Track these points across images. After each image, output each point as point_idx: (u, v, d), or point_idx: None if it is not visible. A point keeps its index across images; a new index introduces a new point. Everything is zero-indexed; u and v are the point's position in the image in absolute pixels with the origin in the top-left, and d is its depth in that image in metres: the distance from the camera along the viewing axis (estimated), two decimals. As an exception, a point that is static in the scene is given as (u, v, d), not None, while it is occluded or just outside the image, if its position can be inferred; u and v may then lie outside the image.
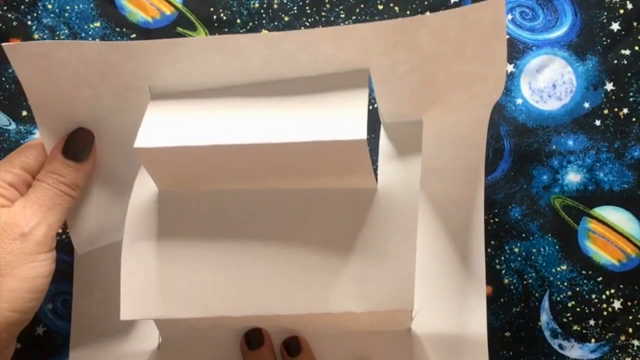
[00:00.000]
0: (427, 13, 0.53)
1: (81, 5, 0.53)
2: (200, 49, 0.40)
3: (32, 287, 0.40)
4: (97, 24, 0.53)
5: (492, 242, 0.51)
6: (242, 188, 0.42)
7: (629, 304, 0.50)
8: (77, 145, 0.43)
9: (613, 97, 0.52)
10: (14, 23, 0.52)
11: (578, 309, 0.50)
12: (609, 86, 0.52)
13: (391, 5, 0.53)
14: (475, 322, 0.48)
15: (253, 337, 0.46)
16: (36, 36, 0.52)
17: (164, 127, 0.40)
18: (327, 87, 0.40)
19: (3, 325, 0.39)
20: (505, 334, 0.50)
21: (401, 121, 0.43)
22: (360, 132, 0.37)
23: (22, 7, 0.52)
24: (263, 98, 0.41)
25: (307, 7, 0.53)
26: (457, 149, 0.48)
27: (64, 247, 0.50)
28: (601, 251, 0.51)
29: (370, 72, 0.40)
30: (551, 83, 0.52)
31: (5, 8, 0.52)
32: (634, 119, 0.52)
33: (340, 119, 0.38)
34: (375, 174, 0.41)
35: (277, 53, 0.40)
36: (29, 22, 0.52)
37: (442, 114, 0.44)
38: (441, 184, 0.49)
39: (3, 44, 0.39)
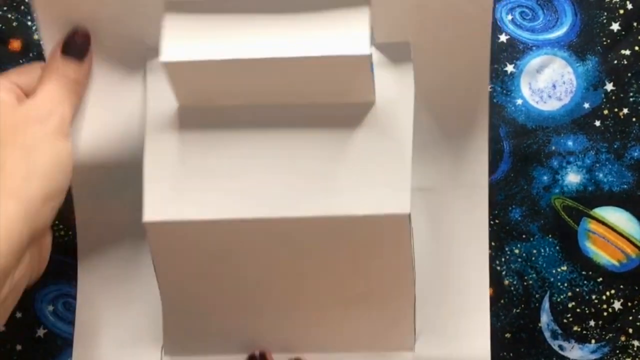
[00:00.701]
0: None
1: (81, 6, 0.53)
2: None
3: (59, 164, 0.41)
4: (97, 25, 0.53)
5: (493, 244, 0.51)
6: (253, 102, 0.44)
7: (629, 304, 0.50)
8: (76, 44, 0.44)
9: (613, 98, 0.52)
10: (14, 23, 0.52)
11: (578, 310, 0.50)
12: (609, 86, 0.52)
13: (391, 5, 0.53)
14: (478, 344, 0.49)
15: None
16: (36, 37, 0.52)
17: (184, 40, 0.42)
18: (331, 5, 0.43)
19: (40, 197, 0.40)
20: (506, 335, 0.50)
21: (392, 41, 0.46)
22: (363, 47, 0.41)
23: (22, 7, 0.52)
24: (275, 12, 0.43)
25: (307, 8, 0.53)
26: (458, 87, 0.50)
27: (64, 247, 0.50)
28: (601, 252, 0.51)
29: None
30: (551, 83, 0.52)
31: (5, 8, 0.52)
32: (634, 119, 0.52)
33: (344, 34, 0.42)
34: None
35: None
36: (29, 23, 0.52)
37: (436, 55, 0.47)
38: (441, 203, 0.50)
39: None
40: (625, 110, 0.52)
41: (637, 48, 0.52)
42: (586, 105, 0.52)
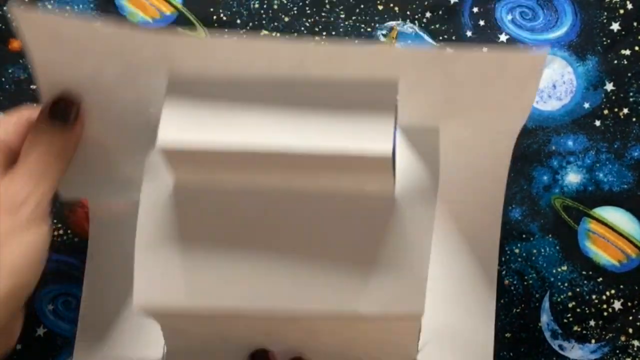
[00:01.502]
0: (427, 14, 0.53)
1: (81, 6, 0.53)
2: (228, 48, 0.39)
3: (29, 260, 0.39)
4: (97, 24, 0.53)
5: (493, 243, 0.51)
6: (259, 183, 0.41)
7: (629, 304, 0.50)
8: (64, 107, 0.41)
9: (613, 97, 0.52)
10: (14, 23, 0.52)
11: (578, 310, 0.50)
12: (609, 86, 0.52)
13: (391, 5, 0.53)
14: (482, 356, 0.49)
15: (259, 357, 0.46)
16: (36, 36, 0.52)
17: (185, 121, 0.39)
18: (355, 95, 0.39)
19: (6, 294, 0.38)
20: (506, 335, 0.50)
21: (419, 126, 0.43)
22: (386, 147, 0.37)
23: (22, 7, 0.52)
24: (287, 97, 0.39)
25: (307, 8, 0.53)
26: (476, 183, 0.48)
27: (65, 248, 0.50)
28: (601, 252, 0.51)
29: (399, 81, 0.40)
30: (551, 83, 0.52)
31: (5, 8, 0.52)
32: (634, 119, 0.52)
33: (366, 131, 0.38)
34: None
35: (308, 58, 0.39)
36: (29, 23, 0.52)
37: (460, 130, 0.43)
38: (456, 220, 0.49)
39: (9, 4, 0.39)
40: (625, 110, 0.52)
41: (637, 48, 0.52)
42: (586, 105, 0.52)
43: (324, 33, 0.53)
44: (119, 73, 0.42)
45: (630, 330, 0.50)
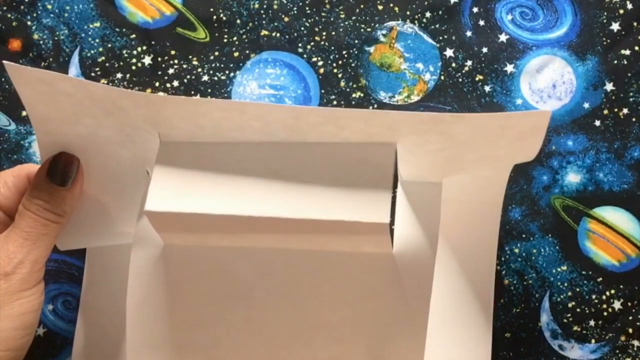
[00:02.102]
0: (427, 14, 0.53)
1: (81, 6, 0.53)
2: (219, 109, 0.39)
3: (21, 324, 0.39)
4: (97, 24, 0.53)
5: (493, 243, 0.51)
6: (252, 246, 0.41)
7: (629, 304, 0.50)
8: (62, 168, 0.41)
9: (613, 98, 0.52)
10: (14, 23, 0.52)
11: (578, 310, 0.50)
12: (609, 86, 0.52)
13: (391, 5, 0.53)
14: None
15: None
16: (36, 36, 0.52)
17: (174, 186, 0.39)
18: (351, 159, 0.39)
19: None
20: (506, 335, 0.50)
21: (420, 181, 0.42)
22: (383, 214, 0.37)
23: (22, 7, 0.52)
24: (282, 160, 0.39)
25: (307, 8, 0.53)
26: (473, 214, 0.49)
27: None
28: (601, 252, 0.51)
29: (397, 144, 0.39)
30: (551, 83, 0.52)
31: (5, 8, 0.52)
32: (634, 119, 0.52)
33: (363, 197, 0.37)
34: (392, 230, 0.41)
35: (301, 122, 0.38)
36: (29, 23, 0.52)
37: (461, 180, 0.43)
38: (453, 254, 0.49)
39: (4, 62, 0.38)
40: (625, 110, 0.52)
41: (637, 48, 0.52)
42: (586, 105, 0.52)
43: (324, 33, 0.53)
44: (114, 132, 0.41)
45: (630, 330, 0.50)
